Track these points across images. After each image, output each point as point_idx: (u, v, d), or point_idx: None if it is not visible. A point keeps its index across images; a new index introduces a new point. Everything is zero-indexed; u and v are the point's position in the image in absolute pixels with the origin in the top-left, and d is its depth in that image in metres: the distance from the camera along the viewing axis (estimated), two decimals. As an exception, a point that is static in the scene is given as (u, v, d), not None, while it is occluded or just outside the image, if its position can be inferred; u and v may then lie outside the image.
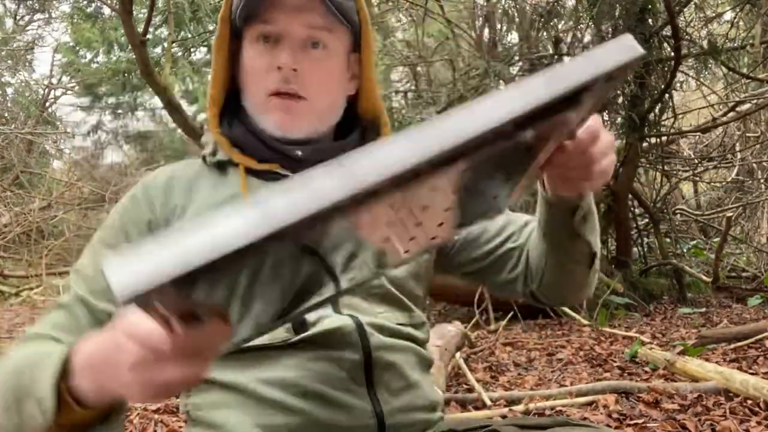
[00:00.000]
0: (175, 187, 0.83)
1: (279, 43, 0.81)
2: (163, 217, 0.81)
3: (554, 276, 0.86)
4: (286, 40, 0.81)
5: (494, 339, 3.32)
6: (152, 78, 3.63)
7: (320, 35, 0.81)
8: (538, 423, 0.79)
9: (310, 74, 0.81)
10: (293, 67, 0.80)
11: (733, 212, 5.57)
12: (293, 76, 0.80)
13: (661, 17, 4.15)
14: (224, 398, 0.79)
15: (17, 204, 8.23)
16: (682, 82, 4.88)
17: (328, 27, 0.82)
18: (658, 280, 4.73)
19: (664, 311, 4.27)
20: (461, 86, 4.38)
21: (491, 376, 2.71)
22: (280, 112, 0.81)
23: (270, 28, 0.81)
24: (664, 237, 5.25)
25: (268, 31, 0.81)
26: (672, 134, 5.05)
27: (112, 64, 9.60)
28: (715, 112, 5.47)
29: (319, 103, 0.83)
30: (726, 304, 4.43)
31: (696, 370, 2.46)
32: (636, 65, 0.44)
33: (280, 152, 0.83)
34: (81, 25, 9.56)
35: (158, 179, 0.84)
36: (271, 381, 0.77)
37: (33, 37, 11.90)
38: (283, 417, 0.76)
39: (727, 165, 6.41)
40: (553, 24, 4.43)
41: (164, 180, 0.84)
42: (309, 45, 0.81)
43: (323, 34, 0.82)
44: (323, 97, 0.84)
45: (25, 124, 10.14)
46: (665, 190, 5.34)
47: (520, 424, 0.79)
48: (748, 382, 2.18)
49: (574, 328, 3.71)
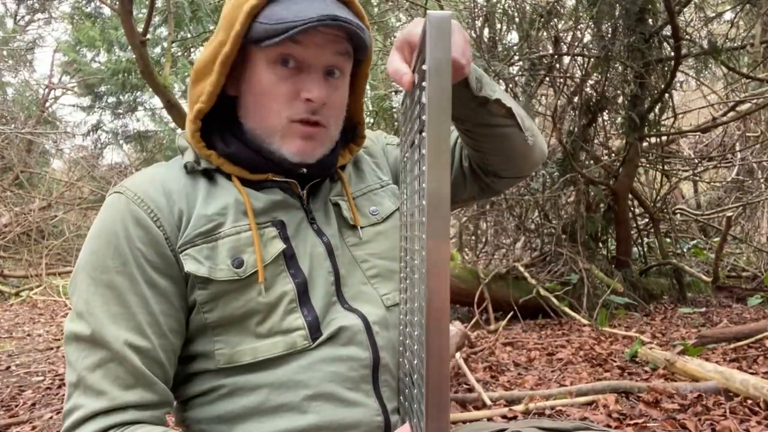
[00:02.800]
0: (173, 197, 0.80)
1: (302, 71, 0.80)
2: (172, 231, 0.78)
3: (489, 148, 0.90)
4: (310, 68, 0.80)
5: (494, 339, 3.32)
6: (152, 78, 3.62)
7: (341, 63, 0.82)
8: (558, 427, 0.79)
9: (332, 104, 0.82)
10: (324, 101, 0.80)
11: (733, 212, 5.57)
12: (320, 108, 0.80)
13: (661, 17, 4.15)
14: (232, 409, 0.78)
15: (17, 204, 8.23)
16: (682, 81, 4.88)
17: (348, 54, 0.82)
18: (658, 280, 4.73)
19: (664, 311, 4.27)
20: (461, 86, 4.37)
21: (491, 376, 2.71)
22: (301, 140, 0.81)
23: (297, 52, 0.78)
24: (664, 237, 5.25)
25: (295, 55, 0.79)
26: (672, 134, 5.05)
27: (112, 63, 9.59)
28: (715, 112, 5.46)
29: (334, 130, 0.85)
30: (726, 304, 4.43)
31: (696, 369, 2.46)
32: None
33: (280, 165, 0.83)
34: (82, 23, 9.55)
35: (151, 191, 0.80)
36: (285, 384, 0.77)
37: (33, 37, 11.91)
38: (295, 420, 0.76)
39: (727, 165, 6.41)
40: (553, 24, 4.43)
41: (159, 189, 0.80)
42: (326, 73, 0.81)
43: (344, 62, 0.82)
44: (337, 123, 0.85)
45: (26, 123, 10.13)
46: (665, 190, 5.34)
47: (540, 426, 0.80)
48: (748, 381, 2.18)
49: (574, 327, 3.71)
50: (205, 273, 0.76)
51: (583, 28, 4.54)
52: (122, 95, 10.71)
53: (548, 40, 4.66)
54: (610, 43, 4.14)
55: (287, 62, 0.79)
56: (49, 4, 11.17)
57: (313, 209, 0.87)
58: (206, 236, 0.78)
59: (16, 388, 2.85)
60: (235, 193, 0.82)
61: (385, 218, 0.91)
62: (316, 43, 0.78)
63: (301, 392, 0.77)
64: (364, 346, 0.80)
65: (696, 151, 6.59)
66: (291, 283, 0.79)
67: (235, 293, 0.77)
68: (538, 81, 4.50)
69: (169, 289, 0.77)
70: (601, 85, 4.40)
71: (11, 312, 5.73)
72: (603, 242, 4.83)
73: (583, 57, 4.56)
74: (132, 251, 0.75)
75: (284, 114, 0.80)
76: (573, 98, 4.66)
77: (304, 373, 0.77)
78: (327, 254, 0.84)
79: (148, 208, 0.77)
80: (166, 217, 0.78)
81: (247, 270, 0.77)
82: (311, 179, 0.87)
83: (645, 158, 5.08)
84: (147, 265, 0.76)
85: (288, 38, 0.75)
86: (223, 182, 0.83)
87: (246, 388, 0.77)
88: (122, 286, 0.74)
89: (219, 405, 0.78)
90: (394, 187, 0.97)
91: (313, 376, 0.77)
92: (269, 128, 0.81)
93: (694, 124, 5.57)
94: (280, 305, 0.78)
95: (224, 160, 0.83)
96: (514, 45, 4.60)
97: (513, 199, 4.70)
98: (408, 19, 5.44)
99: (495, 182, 0.97)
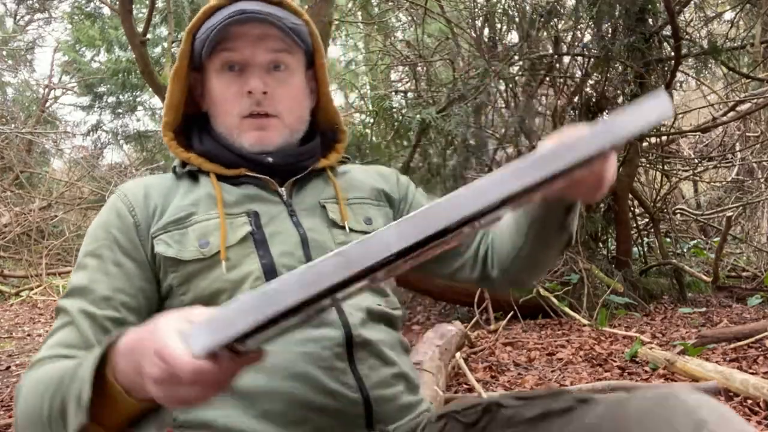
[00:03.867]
0: (152, 194, 0.89)
1: (245, 71, 0.89)
2: (144, 220, 0.87)
3: (525, 264, 0.94)
4: (251, 67, 0.89)
5: (494, 339, 3.32)
6: (152, 77, 3.62)
7: (282, 58, 0.90)
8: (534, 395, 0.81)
9: (278, 94, 0.90)
10: (263, 90, 0.88)
11: (733, 212, 5.57)
12: (263, 98, 0.88)
13: (661, 17, 4.15)
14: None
15: (17, 204, 8.23)
16: (682, 81, 4.88)
17: (287, 49, 0.90)
18: (658, 280, 4.73)
19: (664, 311, 4.27)
20: (461, 86, 4.38)
21: (491, 376, 2.71)
22: (254, 131, 0.90)
23: (236, 56, 0.88)
24: (664, 237, 5.25)
25: (234, 59, 0.88)
26: (672, 134, 5.05)
27: (112, 63, 9.59)
28: (715, 112, 5.46)
29: (289, 118, 0.92)
30: (726, 304, 4.43)
31: (696, 369, 2.46)
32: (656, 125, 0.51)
33: (252, 161, 0.91)
34: (82, 23, 9.55)
35: (135, 189, 0.90)
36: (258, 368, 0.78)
37: (33, 37, 11.90)
38: (272, 402, 0.79)
39: (727, 165, 6.41)
40: (553, 24, 4.43)
41: (141, 188, 0.90)
42: (272, 68, 0.90)
43: (284, 57, 0.90)
44: (292, 112, 0.92)
45: (25, 123, 10.13)
46: (665, 190, 5.34)
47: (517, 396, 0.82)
48: (748, 381, 2.18)
49: (574, 327, 3.71)
50: (173, 254, 0.84)
51: (583, 28, 4.54)
52: (122, 95, 10.71)
53: (548, 40, 4.66)
54: (610, 43, 4.14)
55: (233, 67, 0.89)
56: (49, 4, 11.17)
57: (295, 204, 0.92)
58: (177, 224, 0.86)
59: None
60: (210, 188, 0.89)
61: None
62: (247, 43, 0.88)
63: (277, 374, 0.79)
64: (336, 326, 0.83)
65: (696, 151, 6.59)
66: (257, 263, 0.84)
67: (203, 273, 0.83)
68: (538, 81, 4.51)
69: (133, 270, 0.84)
70: (601, 85, 4.40)
71: (11, 312, 5.73)
72: (603, 242, 4.83)
73: (583, 57, 4.56)
74: (107, 235, 0.85)
75: (235, 112, 0.89)
76: (573, 98, 4.65)
77: (278, 356, 0.79)
78: (301, 244, 0.87)
79: (127, 202, 0.88)
80: (141, 210, 0.87)
81: (212, 250, 0.84)
82: (288, 173, 0.92)
83: (645, 158, 5.08)
84: (116, 247, 0.85)
85: (212, 44, 0.86)
86: (203, 180, 0.92)
87: None
88: (91, 264, 0.84)
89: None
90: (389, 211, 1.01)
91: (286, 358, 0.80)
92: (228, 128, 0.91)
93: (694, 124, 5.58)
94: (245, 282, 0.83)
95: (203, 160, 0.92)
96: (514, 45, 4.60)
97: (513, 199, 4.70)
98: (408, 19, 5.44)
99: (500, 282, 1.00)
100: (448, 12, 5.17)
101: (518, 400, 0.80)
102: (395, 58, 5.66)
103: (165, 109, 0.93)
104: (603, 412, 0.70)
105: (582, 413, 0.72)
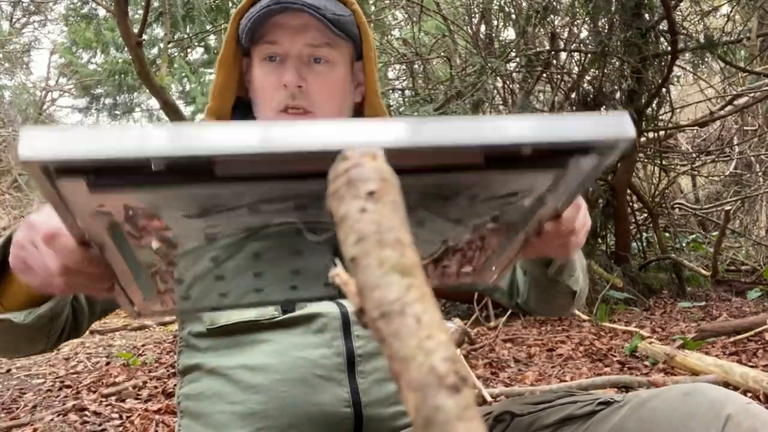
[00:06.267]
0: None
1: (284, 63, 0.86)
2: None
3: (538, 302, 0.90)
4: (290, 59, 0.86)
5: (494, 335, 3.32)
6: (149, 78, 3.62)
7: (321, 51, 0.86)
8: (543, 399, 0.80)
9: (315, 88, 0.86)
10: (298, 84, 0.85)
11: (731, 206, 5.57)
12: (299, 92, 0.85)
13: (658, 12, 4.15)
14: (211, 386, 0.81)
15: (16, 207, 8.22)
16: (679, 76, 4.89)
17: (328, 42, 0.86)
18: (658, 275, 4.73)
19: (664, 305, 4.27)
20: (458, 83, 4.38)
21: (491, 373, 2.72)
22: None
23: (275, 48, 0.86)
24: (663, 231, 5.25)
25: (273, 51, 0.86)
26: (670, 129, 5.05)
27: (109, 64, 9.58)
28: (713, 106, 5.46)
29: (325, 113, 0.87)
30: (725, 298, 4.43)
31: (696, 363, 2.46)
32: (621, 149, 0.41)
33: None
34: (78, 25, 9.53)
35: None
36: (255, 366, 0.79)
37: (29, 39, 11.88)
38: (264, 402, 0.78)
39: (725, 159, 6.41)
40: (550, 20, 4.43)
41: None
42: (312, 61, 0.86)
43: (324, 50, 0.86)
44: (329, 108, 0.88)
45: (23, 126, 10.11)
46: (664, 185, 5.34)
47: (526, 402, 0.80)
48: (747, 374, 2.19)
49: (573, 323, 3.71)
50: None
51: (579, 23, 4.54)
52: (119, 96, 10.70)
53: (545, 36, 4.66)
54: (607, 38, 4.13)
55: (273, 58, 0.86)
56: (45, 6, 11.15)
57: None
58: None
59: (17, 391, 2.85)
60: None
61: None
62: (287, 34, 0.85)
63: (272, 376, 0.78)
64: (339, 335, 0.81)
65: (694, 145, 6.59)
66: None
67: None
68: (535, 77, 4.50)
69: None
70: (598, 80, 4.40)
71: (11, 315, 5.72)
72: (602, 237, 4.83)
73: (579, 53, 4.56)
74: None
75: (272, 105, 0.87)
76: (570, 94, 4.65)
77: (276, 357, 0.79)
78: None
79: None
80: None
81: None
82: None
83: (643, 153, 5.08)
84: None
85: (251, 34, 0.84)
86: None
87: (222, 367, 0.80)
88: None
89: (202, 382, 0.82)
90: None
91: (284, 361, 0.79)
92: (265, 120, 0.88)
93: (691, 119, 5.58)
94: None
95: None
96: (511, 41, 4.60)
97: (511, 196, 4.70)
98: (405, 16, 5.44)
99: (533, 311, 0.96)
100: (445, 9, 5.17)
101: (533, 405, 0.78)
102: (392, 56, 5.66)
103: (210, 94, 0.92)
104: (627, 413, 0.69)
105: (605, 416, 0.71)
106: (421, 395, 0.23)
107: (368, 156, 0.30)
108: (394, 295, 0.26)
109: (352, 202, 0.28)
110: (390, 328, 0.25)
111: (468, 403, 0.23)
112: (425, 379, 0.23)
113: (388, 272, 0.26)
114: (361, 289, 0.27)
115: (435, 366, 0.23)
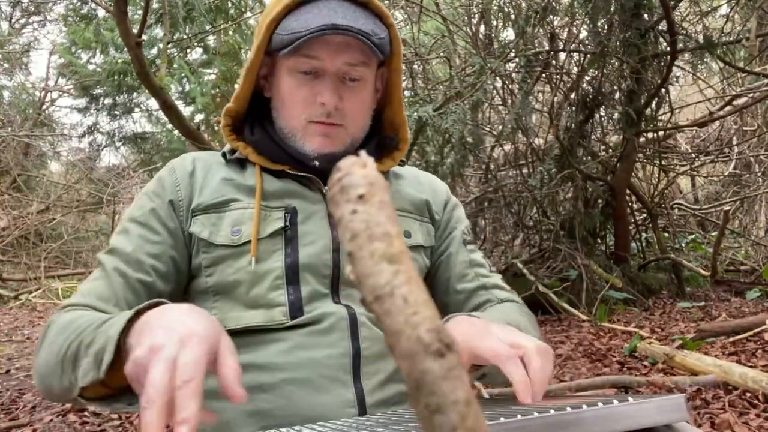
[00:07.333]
0: (197, 168, 0.93)
1: (319, 77, 0.87)
2: (187, 197, 0.90)
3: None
4: (327, 76, 0.86)
5: (494, 335, 3.32)
6: (148, 79, 3.62)
7: (357, 71, 0.88)
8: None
9: (349, 106, 0.88)
10: (337, 105, 0.87)
11: (730, 206, 5.58)
12: (334, 111, 0.87)
13: (657, 12, 4.15)
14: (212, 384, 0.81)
15: (15, 207, 8.22)
16: (679, 76, 4.89)
17: (364, 61, 0.88)
18: (657, 275, 4.73)
19: (663, 306, 4.27)
20: (458, 83, 4.38)
21: (491, 373, 2.71)
22: (319, 137, 0.89)
23: (313, 63, 0.86)
24: (663, 232, 5.25)
25: (312, 66, 0.86)
26: (669, 129, 5.06)
27: (108, 65, 9.57)
28: (712, 107, 5.47)
29: (353, 128, 0.91)
30: (725, 298, 4.43)
31: (695, 363, 2.46)
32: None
33: (298, 161, 0.91)
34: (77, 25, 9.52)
35: (185, 161, 0.94)
36: (262, 365, 0.80)
37: (29, 40, 11.88)
38: (271, 402, 0.79)
39: (725, 159, 6.41)
40: (549, 20, 4.43)
41: (190, 164, 0.93)
42: (347, 79, 0.88)
43: (360, 69, 0.88)
44: (358, 123, 0.91)
45: (22, 126, 10.11)
46: (663, 185, 5.34)
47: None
48: (746, 374, 2.19)
49: (573, 323, 3.72)
50: (206, 236, 0.87)
51: (578, 24, 4.54)
52: (118, 97, 10.68)
53: (544, 36, 4.66)
54: (606, 38, 4.14)
55: (307, 71, 0.87)
56: (44, 7, 11.14)
57: None
58: (217, 208, 0.89)
59: (16, 392, 2.85)
60: (254, 178, 0.91)
61: (411, 247, 0.93)
62: (327, 51, 0.85)
63: (278, 375, 0.79)
64: (346, 336, 0.82)
65: (693, 145, 6.60)
66: (281, 262, 0.85)
67: (230, 260, 0.86)
68: (535, 78, 4.50)
69: (169, 240, 0.88)
70: (597, 81, 4.41)
71: (10, 315, 5.72)
72: (601, 238, 4.84)
73: (579, 53, 4.56)
74: (151, 205, 0.90)
75: (303, 116, 0.88)
76: (569, 94, 4.66)
77: (284, 357, 0.80)
78: (332, 248, 0.87)
79: (175, 178, 0.91)
80: (185, 187, 0.90)
81: (241, 239, 0.86)
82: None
83: (642, 153, 5.08)
84: (157, 217, 0.89)
85: (295, 49, 0.83)
86: (249, 169, 0.93)
87: None
88: (131, 229, 0.89)
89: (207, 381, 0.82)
90: (431, 228, 0.99)
91: (291, 361, 0.80)
92: (292, 128, 0.90)
93: (690, 119, 5.58)
94: (266, 279, 0.84)
95: (251, 150, 0.93)
96: (510, 42, 4.60)
97: (511, 196, 4.71)
98: (404, 17, 5.44)
99: None
100: (444, 10, 5.17)
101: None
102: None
103: (233, 97, 0.93)
104: None
105: None
106: (410, 362, 0.28)
107: (358, 165, 0.35)
108: (384, 280, 0.30)
109: (345, 206, 0.33)
110: (382, 308, 0.30)
111: (452, 365, 0.28)
112: (413, 348, 0.28)
113: (378, 261, 0.31)
114: (358, 278, 0.31)
115: (421, 336, 0.28)
